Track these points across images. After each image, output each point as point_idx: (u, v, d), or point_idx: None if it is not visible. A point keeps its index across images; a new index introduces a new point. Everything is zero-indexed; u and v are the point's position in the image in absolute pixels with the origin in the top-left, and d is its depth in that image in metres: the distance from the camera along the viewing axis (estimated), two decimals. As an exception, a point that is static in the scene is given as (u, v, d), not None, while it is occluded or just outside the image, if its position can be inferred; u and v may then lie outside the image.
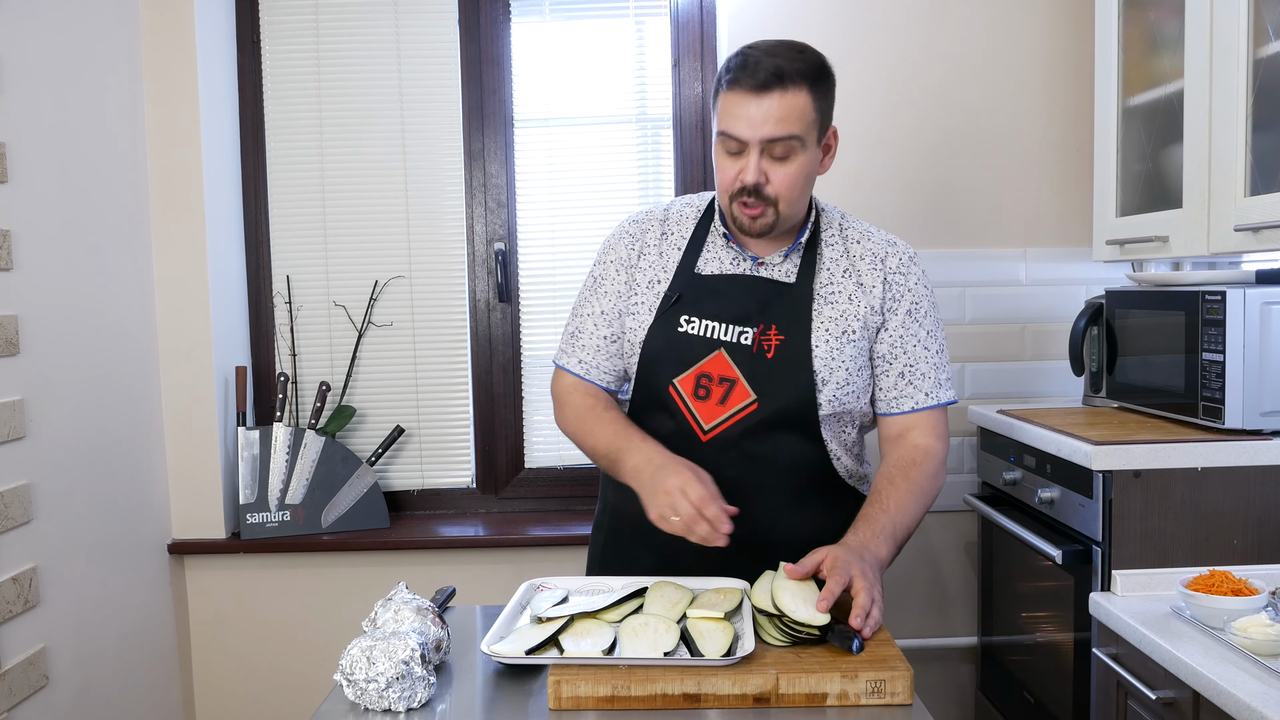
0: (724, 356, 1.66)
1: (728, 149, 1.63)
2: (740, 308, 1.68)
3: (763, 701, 1.32)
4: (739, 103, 1.59)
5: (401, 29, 2.79)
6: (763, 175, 1.60)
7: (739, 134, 1.60)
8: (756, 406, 1.66)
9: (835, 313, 1.69)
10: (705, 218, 1.77)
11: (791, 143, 1.60)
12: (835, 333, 1.68)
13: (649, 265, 1.75)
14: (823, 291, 1.70)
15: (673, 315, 1.70)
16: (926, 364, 1.73)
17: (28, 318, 2.08)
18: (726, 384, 1.66)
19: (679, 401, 1.69)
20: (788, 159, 1.61)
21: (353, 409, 2.81)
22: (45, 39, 2.17)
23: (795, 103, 1.59)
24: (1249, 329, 1.87)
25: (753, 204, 1.63)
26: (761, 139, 1.59)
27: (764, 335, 1.66)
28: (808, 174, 1.65)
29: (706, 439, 1.68)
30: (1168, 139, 2.14)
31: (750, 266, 1.72)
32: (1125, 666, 1.75)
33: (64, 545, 2.19)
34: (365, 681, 1.33)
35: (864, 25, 2.64)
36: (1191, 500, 1.89)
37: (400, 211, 2.82)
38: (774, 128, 1.58)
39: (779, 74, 1.58)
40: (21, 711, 2.02)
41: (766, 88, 1.57)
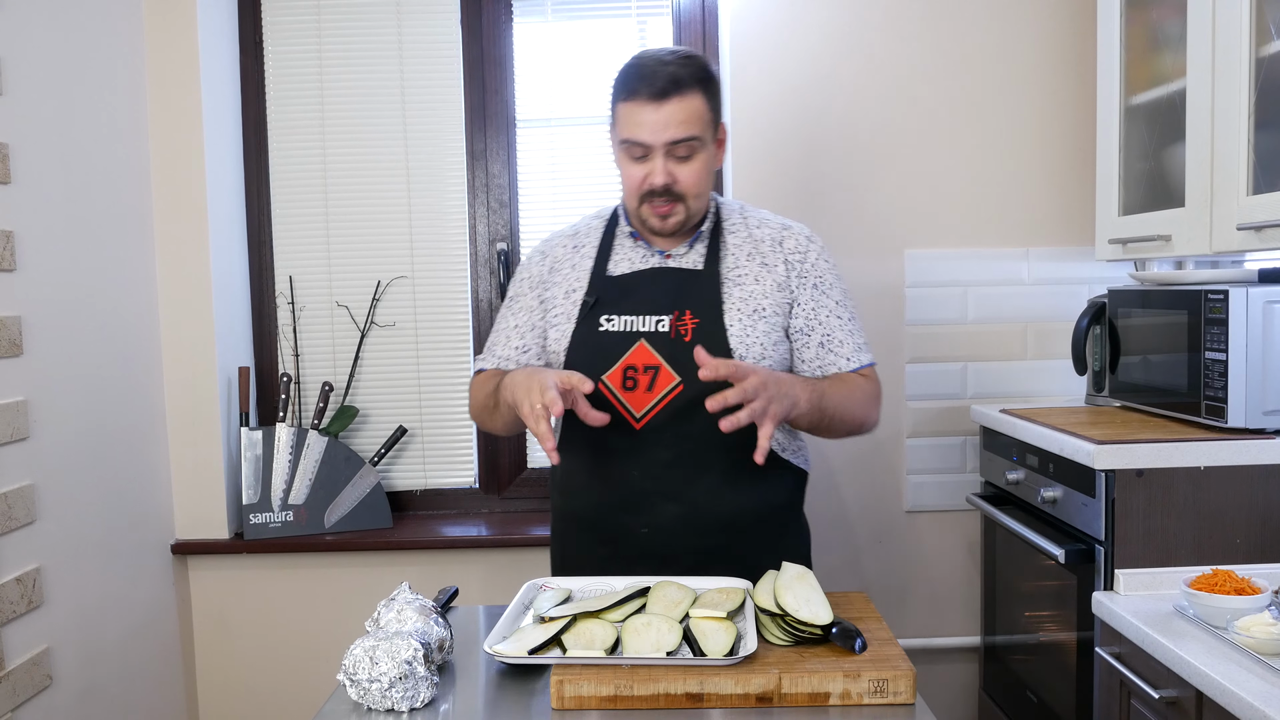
0: (645, 346, 1.74)
1: (632, 155, 1.74)
2: (654, 299, 1.77)
3: (765, 701, 1.32)
4: (640, 111, 1.70)
5: (404, 29, 2.79)
6: (670, 176, 1.71)
7: (643, 140, 1.70)
8: (682, 388, 1.72)
9: (744, 293, 1.78)
10: (610, 224, 1.88)
11: (693, 143, 1.71)
12: (746, 311, 1.76)
13: (563, 278, 1.85)
14: (730, 275, 1.79)
15: (593, 318, 1.78)
16: (842, 331, 1.82)
17: (31, 318, 2.08)
18: (651, 371, 1.74)
19: (609, 396, 1.75)
20: (690, 158, 1.72)
21: (355, 409, 2.81)
22: (48, 40, 2.17)
23: (692, 106, 1.70)
24: (1252, 328, 1.87)
25: (662, 203, 1.73)
26: (665, 142, 1.70)
27: (680, 321, 1.75)
28: (709, 169, 1.76)
29: (640, 426, 1.74)
30: (1170, 138, 2.14)
31: (659, 260, 1.81)
32: (1128, 666, 1.75)
33: (67, 545, 2.19)
34: (368, 681, 1.33)
35: (865, 24, 2.64)
36: (1194, 499, 1.89)
37: (403, 212, 2.82)
38: (676, 131, 1.69)
39: (676, 81, 1.69)
40: (25, 711, 2.02)
41: (665, 95, 1.68)
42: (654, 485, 1.74)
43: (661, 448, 1.73)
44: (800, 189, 2.65)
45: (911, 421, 2.70)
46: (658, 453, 1.73)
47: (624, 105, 1.72)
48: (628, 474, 1.75)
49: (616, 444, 1.74)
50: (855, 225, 2.66)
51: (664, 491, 1.74)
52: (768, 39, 2.64)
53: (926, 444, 2.71)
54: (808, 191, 2.66)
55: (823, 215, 2.65)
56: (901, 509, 2.73)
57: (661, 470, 1.74)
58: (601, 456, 1.77)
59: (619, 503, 1.77)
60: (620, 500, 1.77)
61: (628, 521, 1.76)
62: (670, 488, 1.74)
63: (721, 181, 2.76)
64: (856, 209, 2.67)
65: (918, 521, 2.74)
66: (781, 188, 2.65)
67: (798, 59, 2.65)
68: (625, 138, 1.72)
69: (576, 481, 1.83)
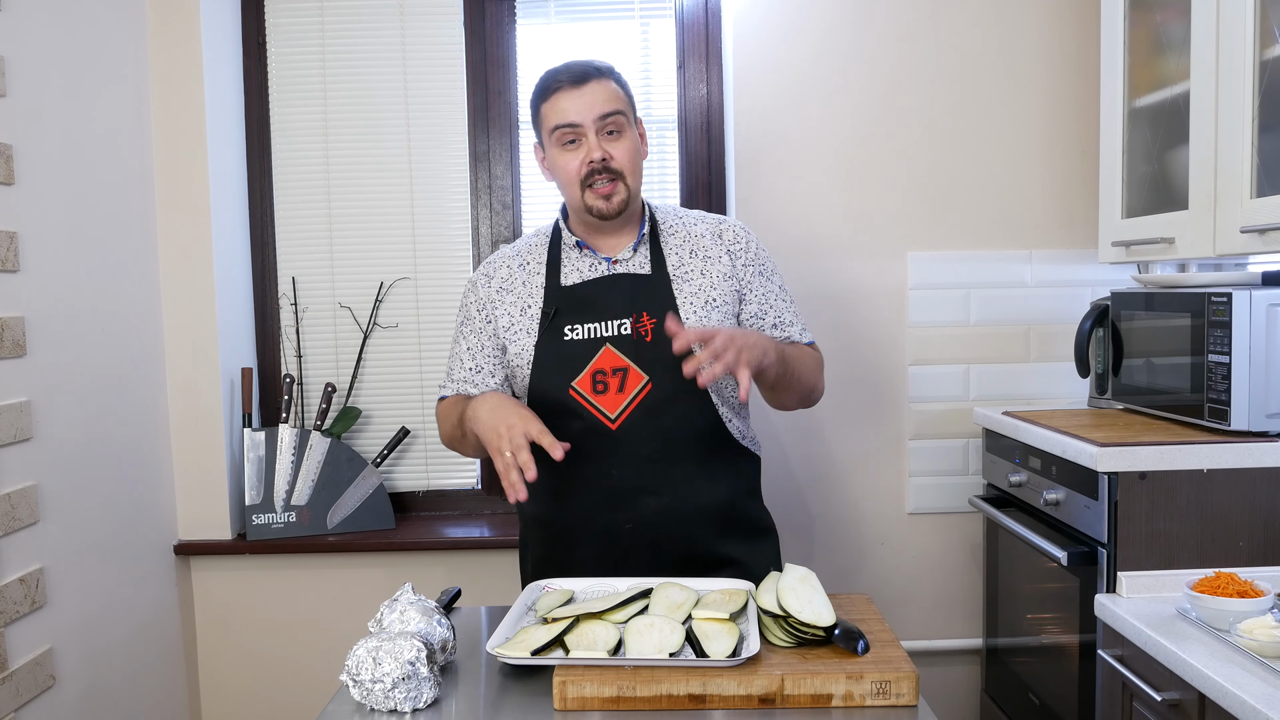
0: (611, 349, 1.81)
1: (564, 143, 1.81)
2: (612, 305, 1.83)
3: (768, 702, 1.32)
4: (565, 98, 1.79)
5: (407, 31, 2.80)
6: (605, 152, 1.79)
7: (574, 120, 1.78)
8: (651, 386, 1.79)
9: (693, 288, 1.85)
10: (554, 238, 1.92)
11: (619, 118, 1.80)
12: (699, 304, 1.84)
13: (515, 297, 1.89)
14: (677, 274, 1.86)
15: (555, 328, 1.83)
16: (789, 313, 1.93)
17: (34, 319, 2.08)
18: (620, 373, 1.80)
19: (582, 401, 1.80)
20: (620, 135, 1.81)
21: (358, 410, 2.81)
22: (51, 41, 2.18)
23: (610, 88, 1.81)
24: (1255, 331, 1.87)
25: (603, 182, 1.80)
26: (595, 119, 1.78)
27: (639, 323, 1.81)
28: (638, 149, 1.85)
29: (615, 427, 1.79)
30: (1174, 140, 2.14)
31: (607, 267, 1.87)
32: (1131, 668, 1.75)
33: (71, 546, 2.19)
34: (371, 682, 1.33)
35: (868, 27, 2.64)
36: (1197, 502, 1.89)
37: (405, 213, 2.83)
38: (602, 105, 1.79)
39: (589, 68, 1.81)
40: (28, 711, 2.02)
41: (584, 79, 1.80)
42: (636, 482, 1.79)
43: (639, 444, 1.79)
44: (803, 191, 2.66)
45: (914, 423, 2.70)
46: (636, 450, 1.79)
47: (547, 103, 1.81)
48: (608, 473, 1.80)
49: (595, 447, 1.79)
50: (858, 227, 2.67)
51: (645, 486, 1.79)
52: (770, 41, 2.64)
53: (929, 446, 2.71)
54: (810, 193, 2.66)
55: (826, 217, 2.66)
56: (904, 511, 2.73)
57: (642, 466, 1.79)
58: (579, 462, 1.78)
59: (603, 503, 1.81)
60: (604, 500, 1.81)
61: (613, 520, 1.80)
62: (651, 482, 1.79)
63: (724, 182, 2.77)
64: (859, 211, 2.67)
65: (920, 523, 2.74)
66: (784, 189, 2.66)
67: (800, 61, 2.65)
68: (555, 124, 1.79)
69: (553, 489, 1.84)
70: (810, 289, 2.62)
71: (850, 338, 2.66)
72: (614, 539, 1.81)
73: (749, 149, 2.66)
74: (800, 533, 2.71)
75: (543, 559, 1.91)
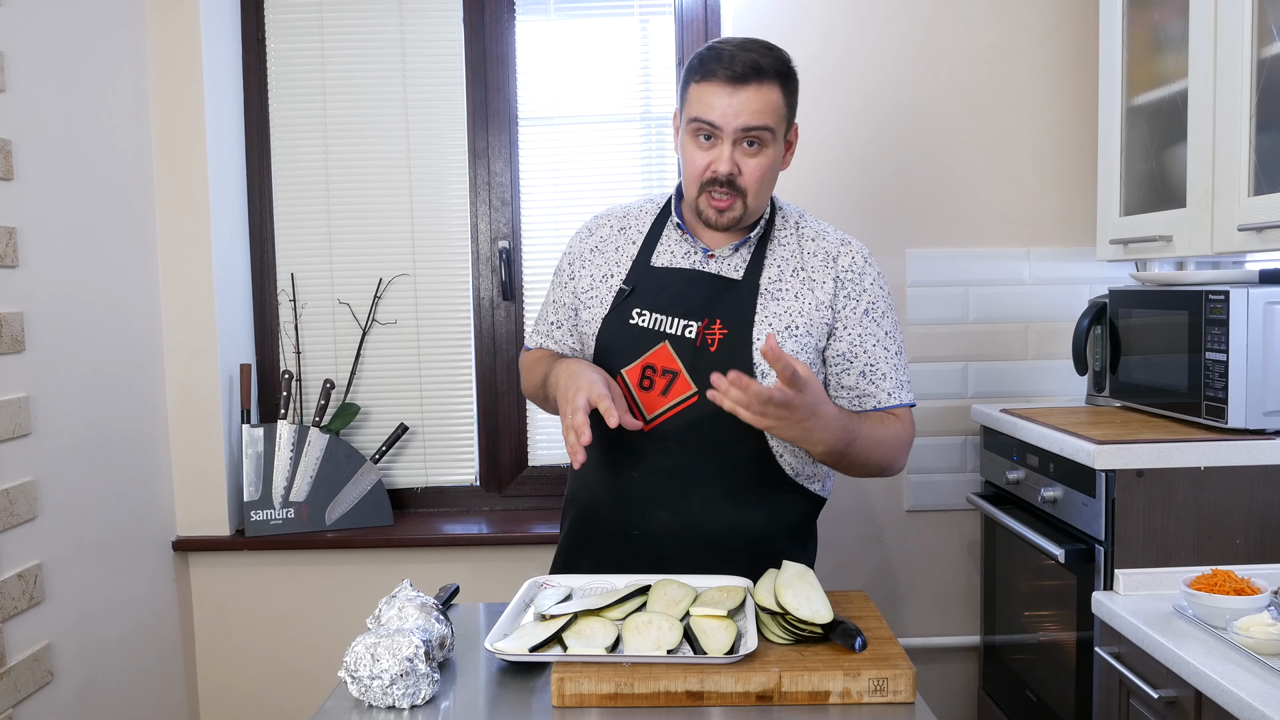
0: (668, 349, 1.69)
1: (699, 137, 1.66)
2: (687, 301, 1.71)
3: (765, 699, 1.33)
4: (715, 93, 1.62)
5: (406, 27, 2.79)
6: (735, 166, 1.64)
7: (715, 121, 1.63)
8: (697, 399, 1.67)
9: (780, 309, 1.70)
10: (663, 212, 1.81)
11: (764, 134, 1.64)
12: (778, 327, 1.69)
13: (604, 260, 1.80)
14: (770, 288, 1.71)
15: (626, 308, 1.74)
16: (887, 364, 1.73)
17: (33, 314, 2.08)
18: (669, 375, 1.69)
19: (624, 391, 1.71)
20: (759, 151, 1.65)
21: (357, 407, 2.81)
22: (51, 37, 2.17)
23: (769, 96, 1.64)
24: (1252, 329, 1.88)
25: (722, 196, 1.66)
26: (736, 129, 1.62)
27: (708, 329, 1.68)
28: (775, 168, 1.69)
29: (648, 429, 1.70)
30: (1171, 138, 2.14)
31: (701, 259, 1.74)
32: (1128, 665, 1.75)
33: (69, 542, 2.19)
34: (369, 678, 1.33)
35: (868, 24, 2.64)
36: (1194, 500, 1.89)
37: (404, 209, 2.83)
38: (750, 118, 1.62)
39: (755, 68, 1.63)
40: (26, 708, 2.02)
41: (744, 80, 1.62)
42: (650, 490, 1.71)
43: (664, 454, 1.69)
44: (801, 188, 2.65)
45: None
46: (659, 458, 1.70)
47: (697, 86, 1.65)
48: (628, 474, 1.73)
49: (622, 442, 1.71)
50: (856, 224, 2.66)
51: (658, 498, 1.71)
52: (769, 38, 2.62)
53: (927, 443, 2.71)
54: (809, 190, 2.65)
55: (823, 213, 2.65)
56: (902, 508, 2.74)
57: (660, 476, 1.70)
58: (608, 452, 1.74)
59: (617, 501, 1.75)
60: (618, 499, 1.75)
61: (622, 521, 1.74)
62: (665, 495, 1.70)
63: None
64: (858, 208, 2.67)
65: (918, 521, 2.74)
66: (783, 186, 2.64)
67: (799, 59, 2.60)
68: (695, 116, 1.64)
69: (587, 473, 1.78)
70: (809, 286, 2.62)
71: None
72: (621, 542, 1.74)
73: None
74: (798, 530, 2.71)
75: (568, 541, 1.86)
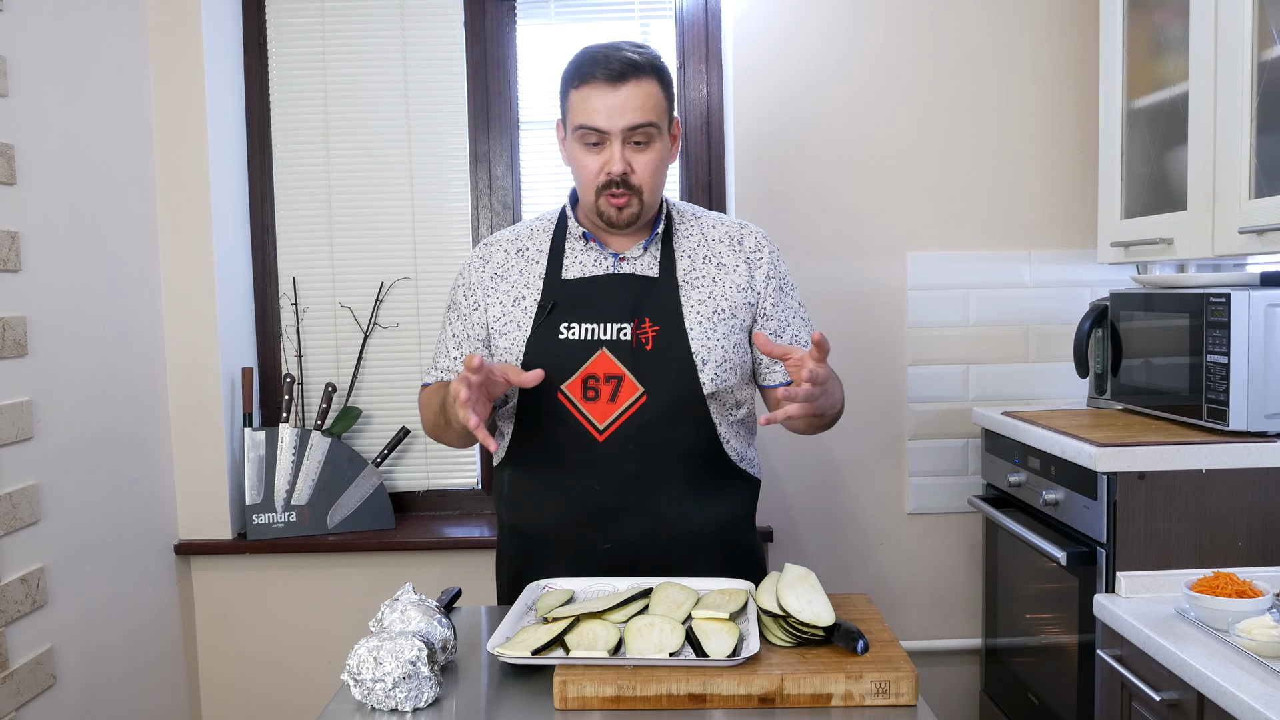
0: (607, 355, 1.70)
1: (586, 143, 1.68)
2: (614, 306, 1.72)
3: (768, 702, 1.33)
4: (596, 95, 1.65)
5: (407, 31, 2.80)
6: (627, 164, 1.67)
7: (600, 125, 1.66)
8: (646, 399, 1.69)
9: (703, 295, 1.74)
10: (560, 226, 1.81)
11: (650, 129, 1.67)
12: (706, 313, 1.73)
13: (510, 285, 1.78)
14: (687, 279, 1.75)
15: (551, 325, 1.72)
16: (806, 332, 1.82)
17: (36, 319, 2.09)
18: (614, 381, 1.69)
19: (569, 407, 1.70)
20: (647, 146, 1.68)
21: (358, 410, 2.81)
22: (52, 41, 2.18)
23: (649, 90, 1.67)
24: (1254, 331, 1.88)
25: (619, 194, 1.68)
26: (623, 128, 1.65)
27: (640, 329, 1.70)
28: (664, 161, 1.73)
29: (603, 439, 1.69)
30: (1172, 141, 2.14)
31: (613, 264, 1.76)
32: (1130, 668, 1.75)
33: (71, 545, 2.20)
34: (372, 681, 1.33)
35: (868, 27, 2.64)
36: (1196, 502, 1.89)
37: (406, 213, 2.83)
38: (634, 115, 1.65)
39: (632, 65, 1.66)
40: (29, 711, 2.03)
41: (622, 78, 1.65)
42: (618, 499, 1.69)
43: (626, 460, 1.68)
44: (803, 191, 2.66)
45: (913, 424, 2.71)
46: (622, 465, 1.68)
47: (577, 91, 1.67)
48: (589, 488, 1.70)
49: (577, 457, 1.69)
50: (857, 227, 2.67)
51: (628, 505, 1.69)
52: (770, 41, 2.64)
53: (928, 446, 2.71)
54: (810, 193, 2.66)
55: (825, 217, 2.66)
56: (903, 511, 2.74)
57: (626, 483, 1.68)
58: (560, 470, 1.72)
59: (581, 517, 1.71)
60: (582, 515, 1.71)
61: (590, 537, 1.71)
62: (635, 501, 1.69)
63: (724, 183, 2.77)
64: (859, 211, 2.67)
65: (919, 523, 2.74)
66: (784, 190, 2.66)
67: (800, 61, 2.65)
68: (580, 122, 1.66)
69: (531, 497, 1.77)
70: (810, 289, 2.61)
71: (850, 338, 2.66)
72: (591, 557, 1.70)
73: (749, 149, 2.66)
74: (800, 532, 2.71)
75: (516, 572, 1.80)
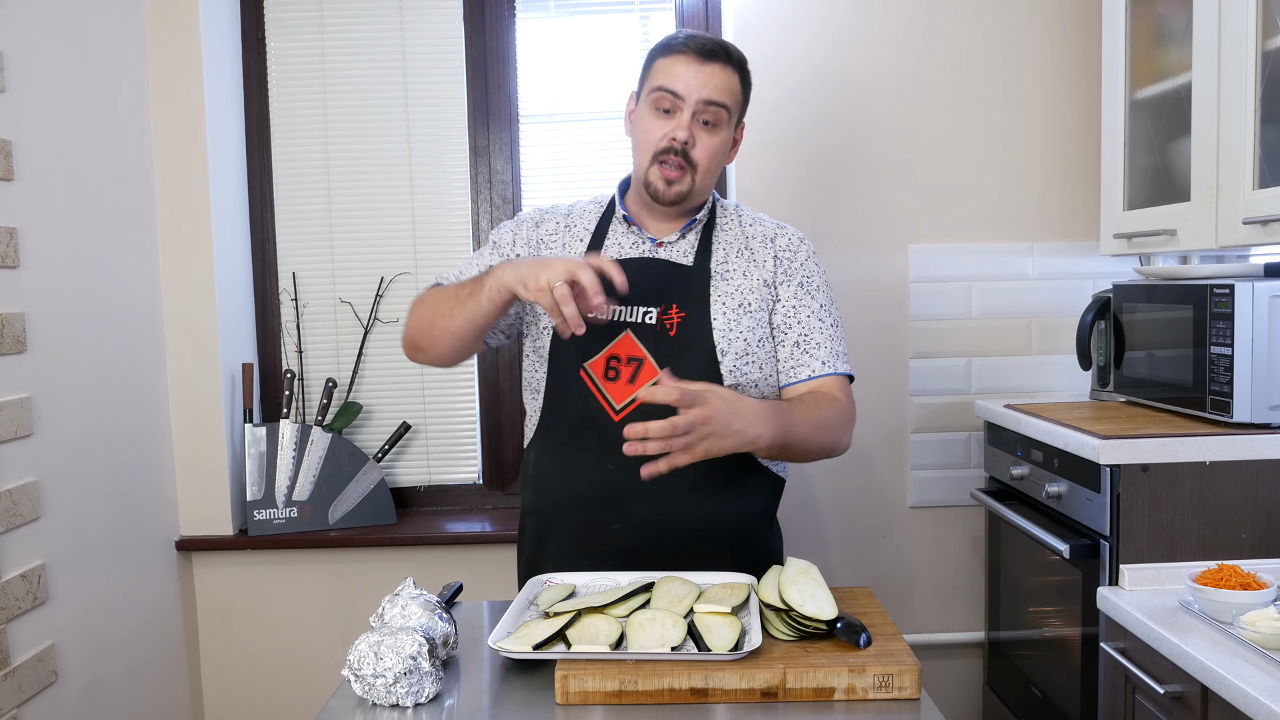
0: (630, 337, 1.72)
1: (659, 108, 1.70)
2: (643, 289, 1.71)
3: (770, 696, 1.32)
4: (682, 64, 1.69)
5: (406, 25, 2.79)
6: (692, 136, 1.69)
7: (679, 90, 1.68)
8: None
9: (730, 288, 1.75)
10: (607, 210, 1.84)
11: (721, 112, 1.70)
12: (732, 305, 1.74)
13: (551, 255, 1.80)
14: (719, 270, 1.76)
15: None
16: (821, 334, 1.77)
17: (35, 315, 2.08)
18: (635, 363, 1.71)
19: (590, 384, 1.73)
20: (714, 129, 1.71)
21: (359, 405, 2.81)
22: (51, 36, 2.17)
23: (731, 79, 1.72)
24: (1257, 322, 1.87)
25: (674, 167, 1.70)
26: (699, 100, 1.68)
27: (666, 314, 1.72)
28: (724, 152, 1.76)
29: (618, 418, 1.70)
30: (1175, 132, 2.13)
31: (650, 248, 1.78)
32: (1133, 661, 1.74)
33: (72, 542, 2.19)
34: (373, 677, 1.33)
35: (869, 19, 2.63)
36: (1200, 494, 1.89)
37: (405, 208, 2.82)
38: (713, 92, 1.69)
39: (723, 49, 1.71)
40: (31, 707, 2.02)
41: (711, 56, 1.69)
42: (628, 481, 1.66)
43: None
44: (804, 184, 2.65)
45: (915, 417, 2.70)
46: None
47: (664, 59, 1.71)
48: (602, 467, 1.71)
49: (593, 435, 1.71)
50: (859, 220, 2.66)
51: (638, 488, 1.65)
52: (771, 34, 2.63)
53: (930, 439, 2.71)
54: (812, 186, 2.65)
55: (827, 210, 2.65)
56: (906, 504, 2.73)
57: (637, 465, 1.63)
58: (576, 446, 1.74)
59: (591, 496, 1.73)
60: (593, 493, 1.73)
61: (598, 516, 1.72)
62: (643, 485, 1.64)
63: (725, 176, 2.76)
64: (861, 204, 2.67)
65: (922, 517, 2.73)
66: (786, 183, 2.65)
67: (801, 54, 2.64)
68: (660, 85, 1.69)
69: (549, 474, 1.78)
70: (811, 282, 2.61)
71: (852, 331, 2.64)
72: (598, 538, 1.72)
73: (749, 142, 2.63)
74: (803, 526, 2.71)
75: (533, 549, 1.83)
